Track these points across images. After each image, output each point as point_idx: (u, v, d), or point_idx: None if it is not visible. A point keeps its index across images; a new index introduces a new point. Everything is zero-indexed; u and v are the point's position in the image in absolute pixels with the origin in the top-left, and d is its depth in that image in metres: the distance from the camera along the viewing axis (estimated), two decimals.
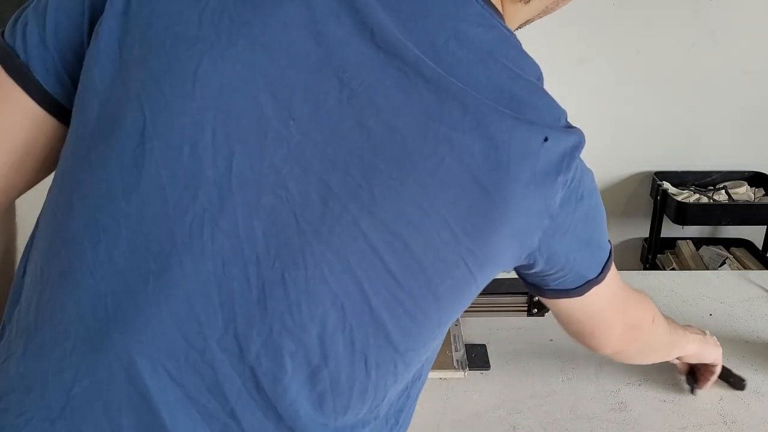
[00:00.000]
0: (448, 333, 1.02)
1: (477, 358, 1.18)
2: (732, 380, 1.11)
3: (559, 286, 0.72)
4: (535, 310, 1.20)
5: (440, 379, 1.09)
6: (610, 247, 0.74)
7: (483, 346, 1.20)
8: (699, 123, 2.54)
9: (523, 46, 0.61)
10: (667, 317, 0.98)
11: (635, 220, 2.72)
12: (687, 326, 1.06)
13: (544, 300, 0.78)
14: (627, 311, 0.83)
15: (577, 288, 0.72)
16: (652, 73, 2.46)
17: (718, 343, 1.07)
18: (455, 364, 0.94)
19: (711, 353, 1.05)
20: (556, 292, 0.73)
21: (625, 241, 2.79)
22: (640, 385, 1.13)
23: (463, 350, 0.98)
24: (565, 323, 0.83)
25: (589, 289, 0.72)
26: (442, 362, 0.96)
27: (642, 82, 2.47)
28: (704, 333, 1.07)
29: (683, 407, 1.08)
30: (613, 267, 0.75)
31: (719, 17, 2.37)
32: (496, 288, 1.21)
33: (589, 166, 0.67)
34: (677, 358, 1.07)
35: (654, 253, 2.60)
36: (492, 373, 1.16)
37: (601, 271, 0.72)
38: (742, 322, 1.30)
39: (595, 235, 0.70)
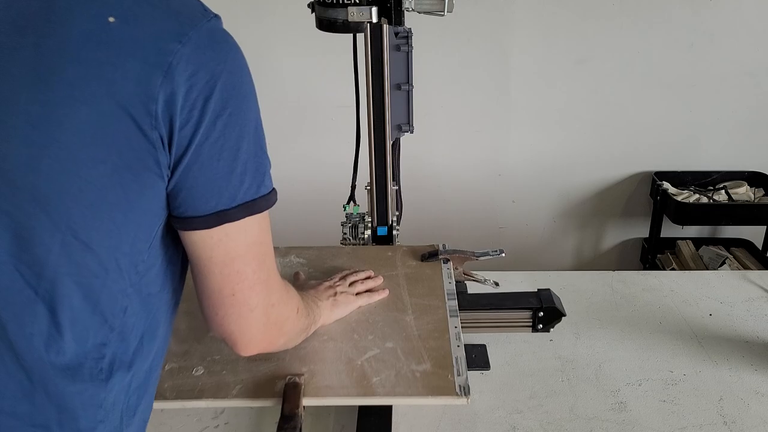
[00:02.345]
0: (449, 354, 0.95)
1: (477, 358, 1.18)
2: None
3: (184, 209, 0.64)
4: (540, 326, 1.16)
5: (443, 406, 1.05)
6: (264, 192, 0.68)
7: (483, 347, 1.20)
8: (699, 123, 2.54)
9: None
10: (303, 293, 0.95)
11: (635, 220, 2.72)
12: (313, 287, 1.05)
13: (183, 240, 0.67)
14: (271, 291, 0.74)
15: (204, 216, 0.64)
16: (652, 73, 2.46)
17: (349, 299, 1.05)
18: (458, 390, 0.88)
19: (341, 313, 1.04)
20: (182, 220, 0.65)
21: (625, 241, 2.79)
22: (639, 385, 1.13)
23: (465, 375, 0.90)
24: (199, 287, 0.70)
25: (220, 223, 0.65)
26: (444, 388, 0.88)
27: (641, 82, 2.47)
28: (334, 293, 1.05)
29: (683, 407, 1.08)
30: (261, 222, 0.68)
31: (718, 17, 2.37)
32: (500, 303, 1.17)
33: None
34: None
35: (654, 253, 2.60)
36: (492, 374, 1.16)
37: (237, 207, 0.65)
38: (742, 322, 1.30)
39: (235, 151, 0.64)
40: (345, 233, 1.32)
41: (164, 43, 0.59)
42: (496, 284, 1.19)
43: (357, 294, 1.07)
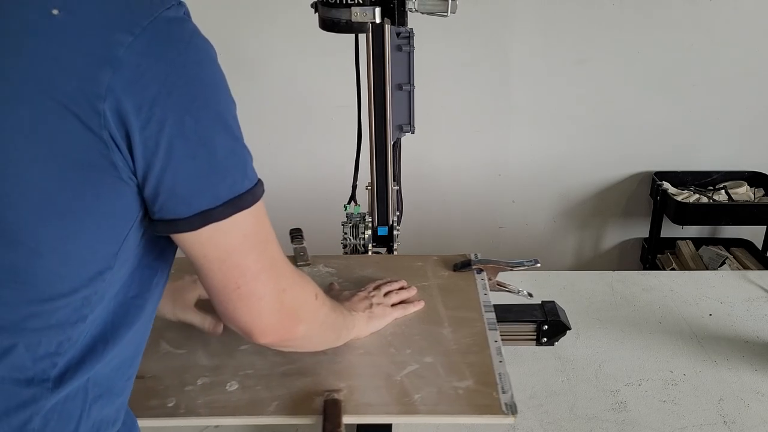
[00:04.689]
0: (491, 370, 0.90)
1: None
2: None
3: (166, 212, 0.60)
4: (545, 339, 1.13)
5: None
6: (248, 185, 0.63)
7: None
8: (699, 123, 2.54)
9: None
10: (338, 303, 0.91)
11: (635, 220, 2.73)
12: (347, 299, 1.01)
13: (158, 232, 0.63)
14: (279, 277, 0.70)
15: (187, 218, 0.60)
16: (652, 73, 2.46)
17: (386, 311, 1.01)
18: (504, 408, 0.83)
19: (378, 326, 1.00)
20: (165, 224, 0.61)
21: (625, 241, 2.79)
22: (639, 385, 1.13)
23: (510, 392, 0.85)
24: (204, 284, 0.68)
25: (206, 224, 0.61)
26: (489, 407, 0.83)
27: (642, 82, 2.47)
28: (370, 305, 1.00)
29: (683, 407, 1.08)
30: (254, 214, 0.64)
31: (719, 17, 2.37)
32: (503, 316, 1.12)
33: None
34: None
35: (654, 253, 2.60)
36: None
37: (222, 205, 0.61)
38: (742, 321, 1.30)
39: (211, 146, 0.60)
40: (345, 233, 1.32)
41: (113, 35, 0.53)
42: (530, 295, 1.15)
43: (392, 305, 1.03)
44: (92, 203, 0.57)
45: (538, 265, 1.13)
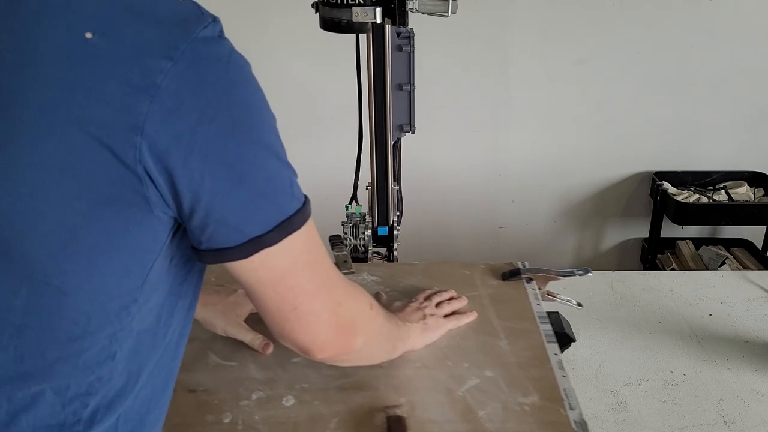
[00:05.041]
0: (556, 385, 0.87)
1: None
2: None
3: (215, 241, 0.58)
4: None
5: None
6: (297, 206, 0.61)
7: None
8: (699, 123, 2.54)
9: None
10: (391, 315, 0.88)
11: (635, 220, 2.73)
12: (399, 310, 0.99)
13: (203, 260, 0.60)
14: (334, 291, 0.68)
15: (238, 246, 0.58)
16: (652, 73, 2.46)
17: (439, 322, 0.98)
18: (574, 426, 0.79)
19: (432, 338, 0.97)
20: (214, 253, 0.58)
21: (625, 241, 2.79)
22: (639, 385, 1.13)
23: (579, 409, 0.82)
24: (257, 306, 0.67)
25: (258, 250, 0.58)
26: (559, 424, 0.80)
27: (642, 82, 2.47)
28: (423, 316, 0.98)
29: (683, 407, 1.08)
30: (304, 234, 0.62)
31: (719, 17, 2.37)
32: None
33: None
34: None
35: (654, 254, 2.60)
36: None
37: (272, 230, 0.58)
38: (742, 322, 1.31)
39: (256, 169, 0.57)
40: (345, 233, 1.32)
41: (151, 60, 0.50)
42: (580, 305, 1.12)
43: (445, 316, 1.00)
44: (121, 239, 0.54)
45: (590, 274, 1.10)
